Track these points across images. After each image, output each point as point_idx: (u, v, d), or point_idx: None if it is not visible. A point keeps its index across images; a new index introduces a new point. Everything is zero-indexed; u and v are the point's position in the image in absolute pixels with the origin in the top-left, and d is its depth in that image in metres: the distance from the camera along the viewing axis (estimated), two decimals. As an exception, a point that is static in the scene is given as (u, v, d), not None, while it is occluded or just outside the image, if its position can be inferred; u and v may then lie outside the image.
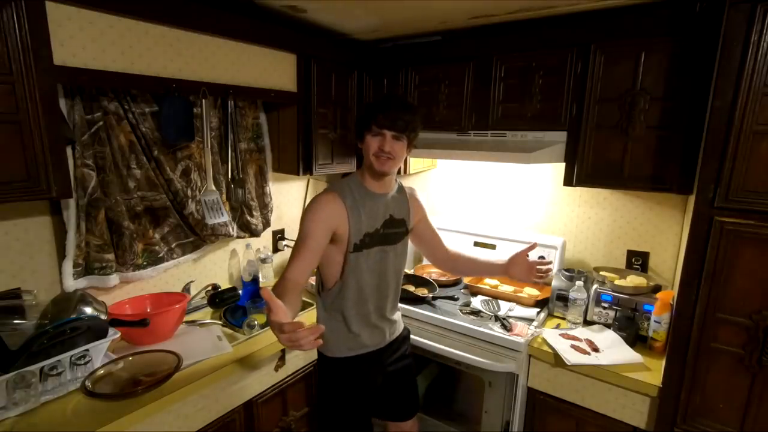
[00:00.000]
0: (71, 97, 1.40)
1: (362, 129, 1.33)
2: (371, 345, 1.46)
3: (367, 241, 1.35)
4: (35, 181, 1.17)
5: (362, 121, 1.33)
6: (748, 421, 1.28)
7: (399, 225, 1.45)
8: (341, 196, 1.32)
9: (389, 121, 1.28)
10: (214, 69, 1.61)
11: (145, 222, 1.68)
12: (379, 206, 1.38)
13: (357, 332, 1.41)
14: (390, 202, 1.42)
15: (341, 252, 1.34)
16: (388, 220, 1.40)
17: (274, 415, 1.72)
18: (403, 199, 1.48)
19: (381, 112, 1.28)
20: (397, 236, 1.45)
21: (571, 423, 1.62)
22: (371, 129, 1.30)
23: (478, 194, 2.34)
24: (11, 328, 1.30)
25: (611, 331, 1.66)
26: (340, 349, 1.43)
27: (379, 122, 1.28)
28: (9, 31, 1.08)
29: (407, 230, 1.49)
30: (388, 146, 1.29)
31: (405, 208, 1.48)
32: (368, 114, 1.31)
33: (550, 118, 1.73)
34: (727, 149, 1.20)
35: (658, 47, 1.48)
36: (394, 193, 1.44)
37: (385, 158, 1.29)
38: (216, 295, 1.92)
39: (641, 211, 1.88)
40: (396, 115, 1.28)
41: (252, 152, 2.03)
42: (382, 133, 1.29)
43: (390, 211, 1.41)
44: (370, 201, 1.36)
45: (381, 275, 1.42)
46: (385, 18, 1.78)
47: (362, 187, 1.37)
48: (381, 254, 1.40)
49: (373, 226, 1.36)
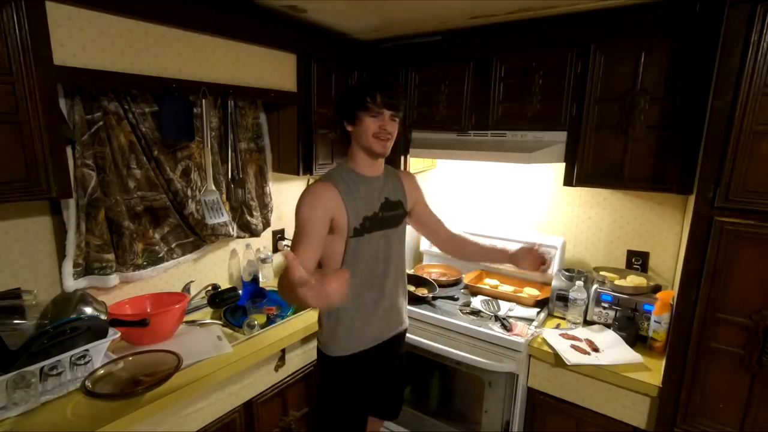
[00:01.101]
0: (71, 97, 1.40)
1: (356, 109, 1.29)
2: (376, 339, 1.43)
3: (367, 225, 1.33)
4: (35, 181, 1.17)
5: (356, 101, 1.29)
6: (748, 421, 1.28)
7: (397, 207, 1.43)
8: (334, 183, 1.30)
9: (389, 100, 1.26)
10: (214, 69, 1.61)
11: (145, 222, 1.68)
12: (373, 190, 1.36)
13: (361, 326, 1.39)
14: (383, 185, 1.40)
15: (341, 240, 1.31)
16: (384, 203, 1.38)
17: (274, 415, 1.72)
18: (396, 181, 1.46)
19: (380, 91, 1.26)
20: (397, 218, 1.43)
21: (571, 423, 1.62)
22: (369, 109, 1.27)
23: (478, 194, 2.34)
24: (11, 328, 1.29)
25: (611, 331, 1.66)
26: (342, 348, 1.40)
27: (378, 102, 1.26)
28: (9, 31, 1.08)
29: (405, 212, 1.47)
30: (389, 126, 1.28)
31: (400, 189, 1.46)
32: (364, 93, 1.27)
33: (550, 118, 1.73)
34: (727, 149, 1.20)
35: (658, 47, 1.48)
36: (386, 176, 1.42)
37: (385, 138, 1.29)
38: (216, 295, 1.91)
39: (641, 211, 1.88)
40: (394, 94, 1.28)
41: (252, 152, 2.03)
42: (381, 113, 1.27)
43: (385, 194, 1.39)
44: (363, 185, 1.34)
45: (386, 260, 1.40)
46: (385, 18, 1.78)
47: (353, 173, 1.35)
48: (384, 239, 1.38)
49: (371, 209, 1.34)
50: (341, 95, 1.39)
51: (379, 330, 1.44)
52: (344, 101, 1.34)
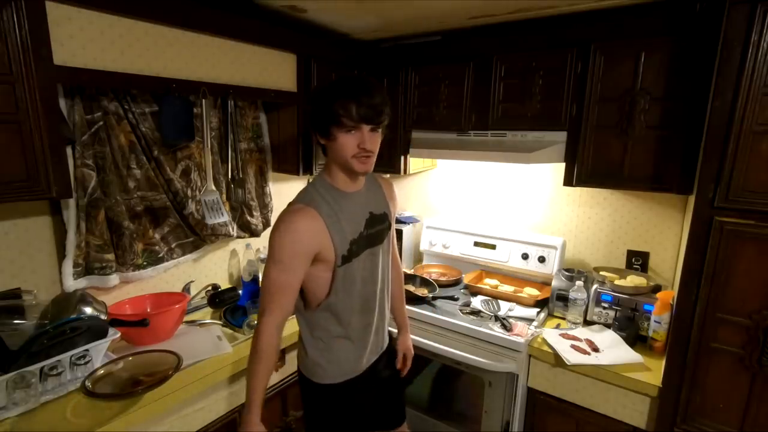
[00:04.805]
0: (71, 97, 1.40)
1: (327, 123, 1.08)
2: (368, 360, 1.31)
3: (354, 249, 1.17)
4: (35, 181, 1.17)
5: (326, 113, 1.07)
6: (748, 421, 1.28)
7: (381, 220, 1.27)
8: (315, 207, 1.11)
9: (365, 112, 1.05)
10: (214, 69, 1.61)
11: (145, 222, 1.68)
12: (356, 206, 1.20)
13: (352, 351, 1.26)
14: (366, 198, 1.24)
15: (328, 269, 1.16)
16: (369, 218, 1.22)
17: (274, 415, 1.72)
18: (377, 190, 1.30)
19: (354, 100, 1.04)
20: (382, 233, 1.28)
21: (571, 423, 1.62)
22: (342, 124, 1.05)
23: (478, 194, 2.34)
24: (11, 328, 1.29)
25: (611, 331, 1.66)
26: (331, 375, 1.25)
27: (353, 115, 1.04)
28: (9, 31, 1.08)
29: (390, 224, 1.32)
30: (369, 143, 1.08)
31: (382, 199, 1.30)
32: (335, 103, 1.05)
33: (550, 118, 1.73)
34: (727, 149, 1.20)
35: (658, 47, 1.48)
36: (367, 187, 1.26)
37: (365, 157, 1.10)
38: (216, 295, 1.92)
39: (641, 211, 1.88)
40: (370, 103, 1.05)
41: (252, 152, 2.03)
42: (359, 128, 1.07)
43: (369, 208, 1.24)
44: (346, 202, 1.17)
45: (374, 280, 1.26)
46: (385, 18, 1.78)
47: (333, 190, 1.17)
48: (371, 257, 1.24)
49: (356, 230, 1.18)
50: (313, 99, 1.17)
51: (370, 352, 1.33)
52: (313, 109, 1.14)
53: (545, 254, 2.00)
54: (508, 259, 2.11)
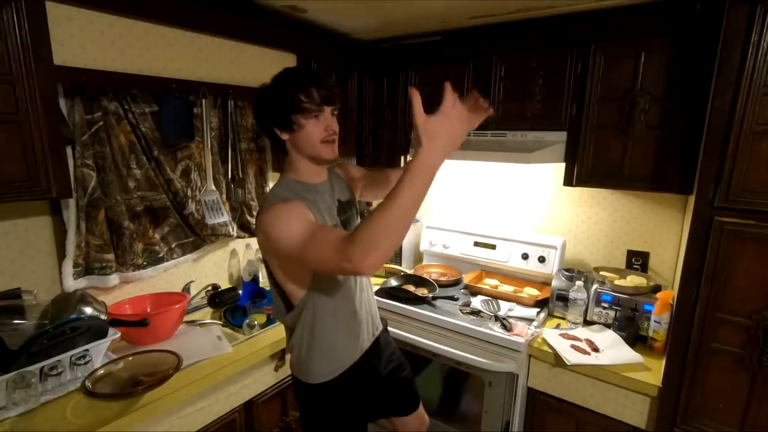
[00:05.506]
0: (71, 97, 1.40)
1: (289, 112, 1.07)
2: (358, 352, 1.29)
3: None
4: (35, 181, 1.17)
5: (286, 104, 1.07)
6: (748, 421, 1.28)
7: (350, 206, 1.30)
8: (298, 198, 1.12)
9: (325, 93, 1.07)
10: (213, 69, 1.61)
11: (145, 222, 1.68)
12: (325, 197, 1.22)
13: (342, 340, 1.25)
14: (332, 187, 1.27)
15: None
16: (339, 206, 1.25)
17: (274, 415, 1.72)
18: (338, 178, 1.33)
19: (314, 84, 1.06)
20: (351, 219, 1.30)
21: (571, 423, 1.62)
22: (306, 110, 1.07)
23: (478, 194, 2.34)
24: (11, 328, 1.30)
25: (611, 331, 1.66)
26: (324, 372, 1.24)
27: (315, 98, 1.06)
28: (9, 31, 1.08)
29: (357, 210, 1.34)
30: (334, 124, 1.11)
31: (346, 187, 1.34)
32: (295, 91, 1.06)
33: (550, 118, 1.73)
34: (727, 149, 1.20)
35: (658, 47, 1.48)
36: (329, 176, 1.28)
37: (333, 140, 1.12)
38: (216, 295, 1.92)
39: (641, 211, 1.88)
40: (327, 85, 1.08)
41: (252, 152, 2.03)
42: (321, 110, 1.08)
43: (336, 196, 1.26)
44: (318, 195, 1.19)
45: None
46: (385, 18, 1.78)
47: (301, 184, 1.18)
48: None
49: (333, 218, 1.21)
50: (262, 99, 1.15)
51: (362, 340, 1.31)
52: (270, 105, 1.12)
53: (545, 254, 2.00)
54: (508, 259, 2.11)
